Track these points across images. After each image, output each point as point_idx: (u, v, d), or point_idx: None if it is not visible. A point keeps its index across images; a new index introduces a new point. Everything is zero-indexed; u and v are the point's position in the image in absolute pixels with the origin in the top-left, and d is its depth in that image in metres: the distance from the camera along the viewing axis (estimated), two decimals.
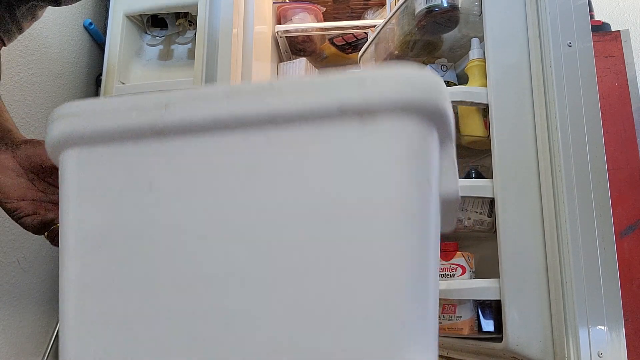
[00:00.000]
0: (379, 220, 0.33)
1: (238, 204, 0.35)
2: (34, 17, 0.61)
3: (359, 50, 1.23)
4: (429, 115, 0.34)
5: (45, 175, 0.52)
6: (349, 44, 1.53)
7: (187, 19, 1.21)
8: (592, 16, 1.02)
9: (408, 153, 0.34)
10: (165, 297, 0.35)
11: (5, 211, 0.52)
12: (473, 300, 0.82)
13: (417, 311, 0.33)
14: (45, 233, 0.53)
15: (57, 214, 0.51)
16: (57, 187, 0.52)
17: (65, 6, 0.61)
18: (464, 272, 0.84)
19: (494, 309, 0.82)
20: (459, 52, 1.02)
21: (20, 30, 0.61)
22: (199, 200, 0.35)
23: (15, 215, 0.52)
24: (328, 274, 0.33)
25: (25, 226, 0.52)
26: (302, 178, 0.34)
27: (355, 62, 1.28)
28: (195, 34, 1.13)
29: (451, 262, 0.85)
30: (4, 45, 0.61)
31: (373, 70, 0.35)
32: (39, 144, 0.52)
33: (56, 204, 0.52)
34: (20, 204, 0.51)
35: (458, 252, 0.85)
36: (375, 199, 0.33)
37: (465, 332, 0.81)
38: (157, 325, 0.35)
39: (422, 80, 0.34)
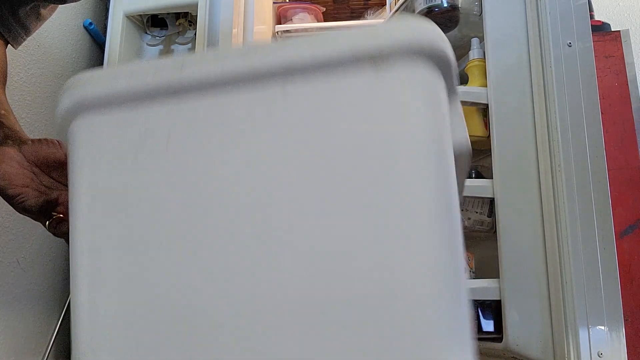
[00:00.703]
0: (401, 167, 0.33)
1: (257, 159, 0.35)
2: (39, 17, 0.61)
3: None
4: (437, 61, 0.35)
5: (50, 171, 0.53)
6: None
7: (187, 19, 1.21)
8: (592, 16, 1.02)
9: (422, 96, 0.34)
10: (183, 262, 0.34)
11: (7, 198, 0.51)
12: (473, 300, 0.82)
13: (445, 260, 0.32)
14: (47, 222, 0.53)
15: (61, 201, 0.51)
16: (61, 183, 0.52)
17: (66, 4, 0.61)
18: None
19: (494, 309, 0.82)
20: (459, 52, 1.02)
21: (27, 31, 0.61)
22: (218, 156, 0.35)
23: (17, 200, 0.51)
24: (350, 232, 0.32)
25: (27, 208, 0.52)
26: (320, 128, 0.34)
27: None
28: (195, 34, 1.13)
29: None
30: (14, 47, 0.61)
31: (383, 22, 0.36)
32: (45, 141, 0.52)
33: (59, 198, 0.51)
34: (23, 189, 0.51)
35: None
36: (395, 145, 0.33)
37: None
38: (175, 291, 0.34)
39: (428, 28, 0.35)
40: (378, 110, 0.34)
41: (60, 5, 0.62)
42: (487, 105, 0.83)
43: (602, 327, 0.70)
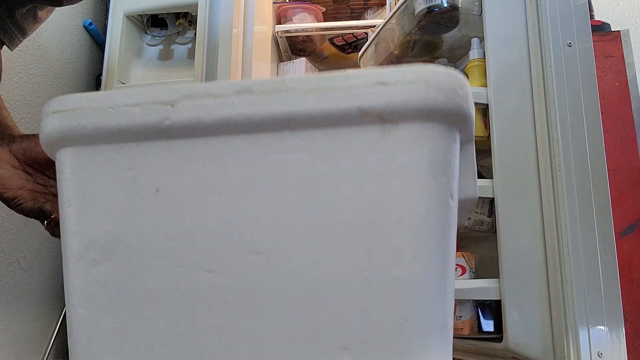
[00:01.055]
0: (400, 236, 0.31)
1: (251, 212, 0.32)
2: (36, 18, 0.61)
3: (359, 50, 1.23)
4: (454, 119, 0.32)
5: (44, 169, 0.52)
6: (349, 44, 1.53)
7: (187, 19, 1.21)
8: (592, 16, 1.02)
9: (431, 161, 0.31)
10: (176, 311, 0.33)
11: (4, 201, 0.51)
12: (473, 300, 0.82)
13: (437, 323, 0.31)
14: (45, 222, 0.52)
15: (56, 207, 0.51)
16: (55, 180, 0.52)
17: (65, 6, 0.61)
18: (464, 272, 0.84)
19: (494, 309, 0.82)
20: (459, 52, 1.01)
21: (24, 33, 0.60)
22: (211, 206, 0.33)
23: (14, 203, 0.51)
24: (348, 290, 0.31)
25: (25, 211, 0.51)
26: (318, 185, 0.32)
27: (356, 63, 1.28)
28: (195, 34, 1.12)
29: None
30: (10, 49, 0.61)
31: (395, 70, 0.31)
32: (35, 137, 0.51)
33: (56, 196, 0.51)
34: (18, 192, 0.51)
35: (458, 252, 0.85)
36: (396, 209, 0.31)
37: (466, 332, 0.81)
38: (171, 339, 0.33)
39: (448, 82, 0.31)
40: (380, 172, 0.31)
41: (58, 7, 0.61)
42: (487, 105, 0.83)
43: (602, 327, 0.70)
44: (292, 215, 0.32)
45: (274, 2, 1.50)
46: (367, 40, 1.21)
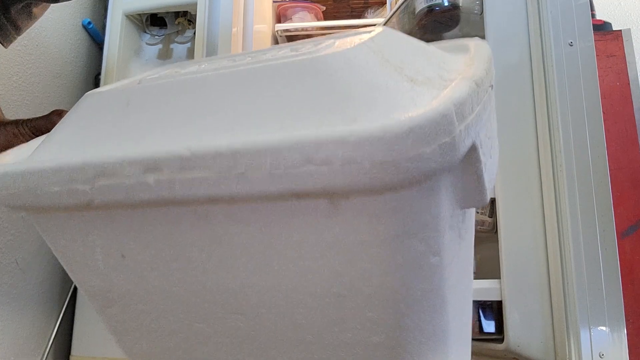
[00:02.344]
0: (374, 309, 0.27)
1: (222, 280, 0.31)
2: (30, 15, 0.60)
3: None
4: (437, 177, 0.25)
5: None
6: None
7: (186, 18, 1.21)
8: (593, 15, 1.02)
9: (398, 234, 0.25)
10: (183, 346, 0.34)
11: None
12: (474, 301, 0.82)
13: None
14: None
15: None
16: None
17: (63, 2, 0.60)
18: None
19: (494, 309, 0.81)
20: None
21: (18, 30, 0.60)
22: (178, 272, 0.31)
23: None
24: (324, 351, 0.29)
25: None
26: (278, 258, 0.28)
27: None
28: (194, 33, 1.12)
29: None
30: (4, 46, 0.60)
31: (324, 143, 0.22)
32: (20, 123, 0.52)
33: None
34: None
35: None
36: (365, 284, 0.27)
37: None
38: None
39: (413, 143, 0.21)
40: (338, 247, 0.26)
41: (57, 4, 0.61)
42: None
43: (604, 328, 0.70)
44: (262, 285, 0.29)
45: (273, 1, 1.49)
46: None
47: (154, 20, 1.24)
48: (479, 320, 0.81)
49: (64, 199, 0.28)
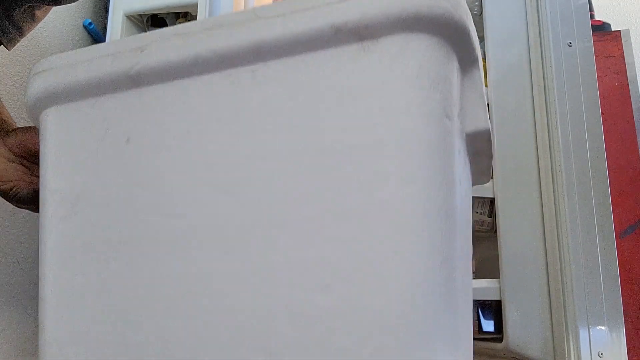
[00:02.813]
0: (386, 158, 0.27)
1: (224, 152, 0.30)
2: (33, 18, 0.60)
3: None
4: (445, 32, 0.28)
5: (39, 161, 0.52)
6: None
7: (187, 18, 1.21)
8: (592, 16, 1.02)
9: (420, 82, 0.27)
10: (147, 260, 0.31)
11: (2, 195, 0.51)
12: (473, 300, 0.82)
13: (434, 260, 0.27)
14: None
15: None
16: None
17: (65, 5, 0.60)
18: None
19: (494, 309, 0.82)
20: None
21: (21, 33, 0.60)
22: (181, 150, 0.31)
23: (11, 194, 0.50)
24: (328, 221, 0.28)
25: (22, 199, 0.51)
26: (295, 118, 0.29)
27: None
28: None
29: None
30: (7, 49, 0.60)
31: None
32: (29, 129, 0.51)
33: None
34: (14, 182, 0.50)
35: None
36: (379, 129, 0.27)
37: None
38: (140, 291, 0.31)
39: None
40: (362, 98, 0.28)
41: (57, 6, 0.61)
42: (487, 105, 0.82)
43: (603, 328, 0.70)
44: (266, 149, 0.29)
45: (273, 2, 1.50)
46: None
47: (155, 21, 1.24)
48: (479, 320, 0.81)
49: (110, 67, 0.31)
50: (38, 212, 0.52)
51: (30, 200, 0.51)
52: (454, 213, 0.29)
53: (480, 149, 0.36)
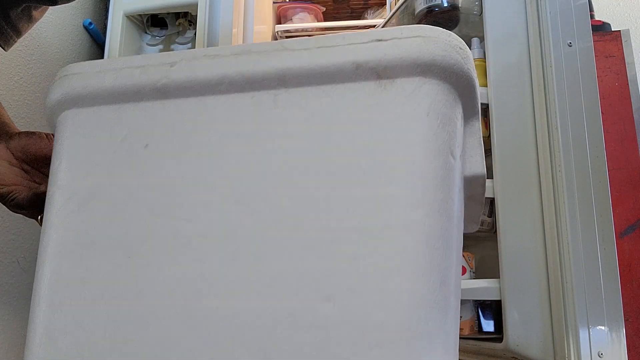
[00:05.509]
0: (395, 183, 0.30)
1: (240, 165, 0.32)
2: (30, 18, 0.60)
3: None
4: (454, 80, 0.31)
5: (41, 166, 0.51)
6: None
7: (187, 18, 1.21)
8: (592, 16, 1.02)
9: (430, 121, 0.30)
10: (153, 260, 0.32)
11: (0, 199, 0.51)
12: (473, 300, 0.82)
13: (433, 277, 0.29)
14: (39, 217, 0.52)
15: None
16: None
17: (63, 5, 0.60)
18: (464, 272, 0.84)
19: (494, 309, 0.82)
20: None
21: (18, 33, 0.60)
22: (198, 159, 0.33)
23: (9, 198, 0.50)
24: (335, 236, 0.30)
25: (20, 204, 0.51)
26: (311, 141, 0.31)
27: None
28: (195, 34, 1.12)
29: None
30: (4, 49, 0.60)
31: (393, 28, 0.32)
32: (33, 134, 0.51)
33: None
34: (13, 187, 0.50)
35: None
36: (390, 157, 0.30)
37: (466, 332, 0.81)
38: (143, 290, 0.32)
39: (445, 39, 0.31)
40: (376, 130, 0.30)
41: (56, 6, 0.61)
42: (487, 105, 0.82)
43: (603, 328, 0.70)
44: (281, 166, 0.31)
45: (274, 2, 1.50)
46: None
47: (155, 21, 1.24)
48: (479, 320, 0.81)
49: (138, 78, 0.33)
50: (34, 217, 0.52)
51: (27, 205, 0.51)
52: (451, 242, 0.31)
53: (474, 193, 0.39)
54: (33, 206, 0.51)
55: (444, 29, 0.32)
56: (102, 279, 0.33)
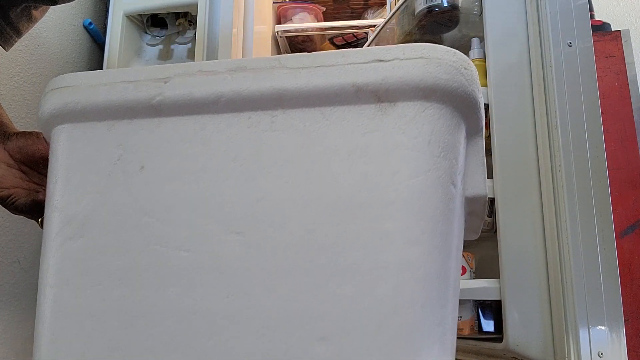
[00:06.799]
0: (392, 219, 0.29)
1: (237, 192, 0.31)
2: (30, 18, 0.60)
3: None
4: (458, 103, 0.30)
5: (39, 167, 0.51)
6: (349, 43, 1.53)
7: (187, 18, 1.21)
8: (592, 16, 1.02)
9: (431, 149, 0.29)
10: (150, 292, 0.32)
11: None
12: (473, 300, 0.82)
13: (431, 318, 0.29)
14: (39, 220, 0.52)
15: None
16: None
17: (63, 4, 0.60)
18: (464, 272, 0.84)
19: (494, 309, 0.82)
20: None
21: (18, 33, 0.60)
22: (196, 185, 0.32)
23: (9, 201, 0.50)
24: (330, 275, 0.29)
25: (19, 208, 0.51)
26: (308, 168, 0.30)
27: None
28: (195, 34, 1.12)
29: None
30: (4, 49, 0.60)
31: (394, 47, 0.30)
32: (31, 134, 0.50)
33: None
34: (13, 190, 0.50)
35: None
36: (389, 190, 0.29)
37: (466, 332, 0.81)
38: (140, 321, 0.31)
39: (450, 60, 0.29)
40: (374, 155, 0.29)
41: (57, 6, 0.61)
42: (487, 105, 0.82)
43: (603, 328, 0.70)
44: (278, 195, 0.31)
45: (274, 2, 1.50)
46: (367, 40, 1.21)
47: (155, 21, 1.24)
48: (479, 320, 0.81)
49: (132, 94, 0.32)
50: (34, 219, 0.52)
51: (28, 210, 0.51)
52: (449, 276, 0.31)
53: (475, 210, 0.37)
54: (32, 211, 0.51)
55: (449, 48, 0.30)
56: (102, 310, 0.32)
